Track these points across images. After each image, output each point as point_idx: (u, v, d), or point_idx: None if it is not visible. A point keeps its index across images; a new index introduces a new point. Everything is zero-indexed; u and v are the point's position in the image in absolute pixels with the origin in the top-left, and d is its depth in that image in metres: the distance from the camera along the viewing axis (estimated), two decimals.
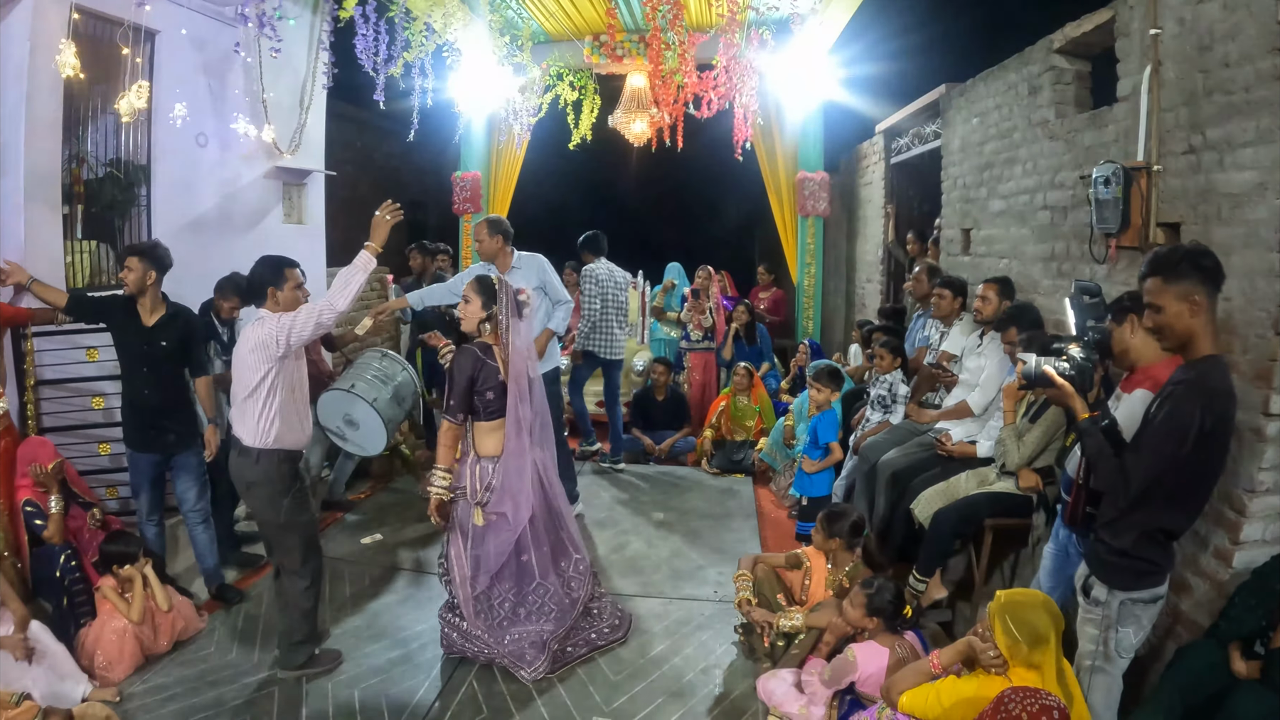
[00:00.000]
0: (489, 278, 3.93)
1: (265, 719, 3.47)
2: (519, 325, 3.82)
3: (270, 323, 3.58)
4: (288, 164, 6.35)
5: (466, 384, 3.74)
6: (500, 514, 3.78)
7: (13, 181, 4.34)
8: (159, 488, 4.38)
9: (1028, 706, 2.34)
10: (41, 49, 4.27)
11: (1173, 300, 2.49)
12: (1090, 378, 2.94)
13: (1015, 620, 2.67)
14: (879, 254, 8.25)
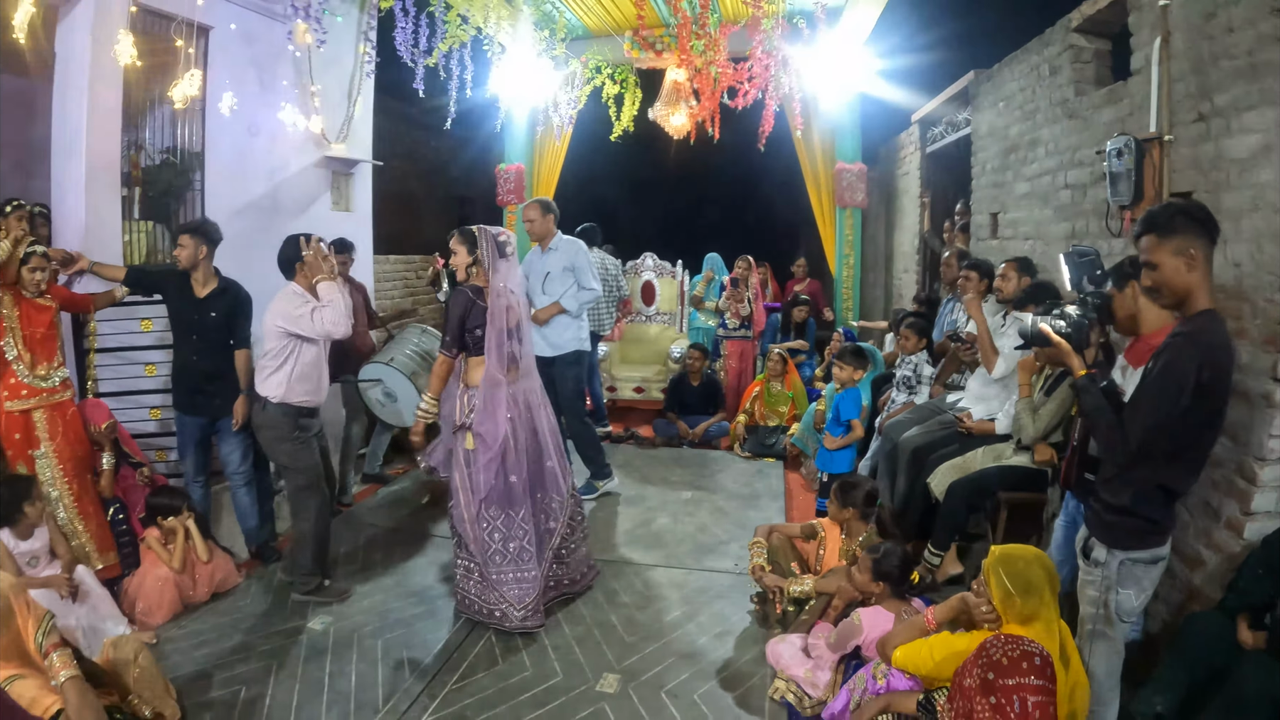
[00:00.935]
0: (470, 228, 4.22)
1: (292, 663, 3.69)
2: (500, 264, 4.09)
3: (289, 303, 4.15)
4: (336, 154, 6.61)
5: (459, 322, 4.08)
6: (480, 435, 4.01)
7: (76, 165, 4.66)
8: (204, 450, 4.65)
9: (1008, 651, 2.34)
10: (102, 42, 4.56)
11: (1168, 256, 2.48)
12: (1086, 335, 2.94)
13: (1009, 573, 2.67)
14: (915, 244, 8.27)
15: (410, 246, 8.82)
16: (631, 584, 4.57)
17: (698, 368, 7.59)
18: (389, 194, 9.54)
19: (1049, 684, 2.28)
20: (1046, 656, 2.33)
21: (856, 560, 3.81)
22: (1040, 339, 2.91)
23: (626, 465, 6.73)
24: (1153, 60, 3.74)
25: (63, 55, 4.66)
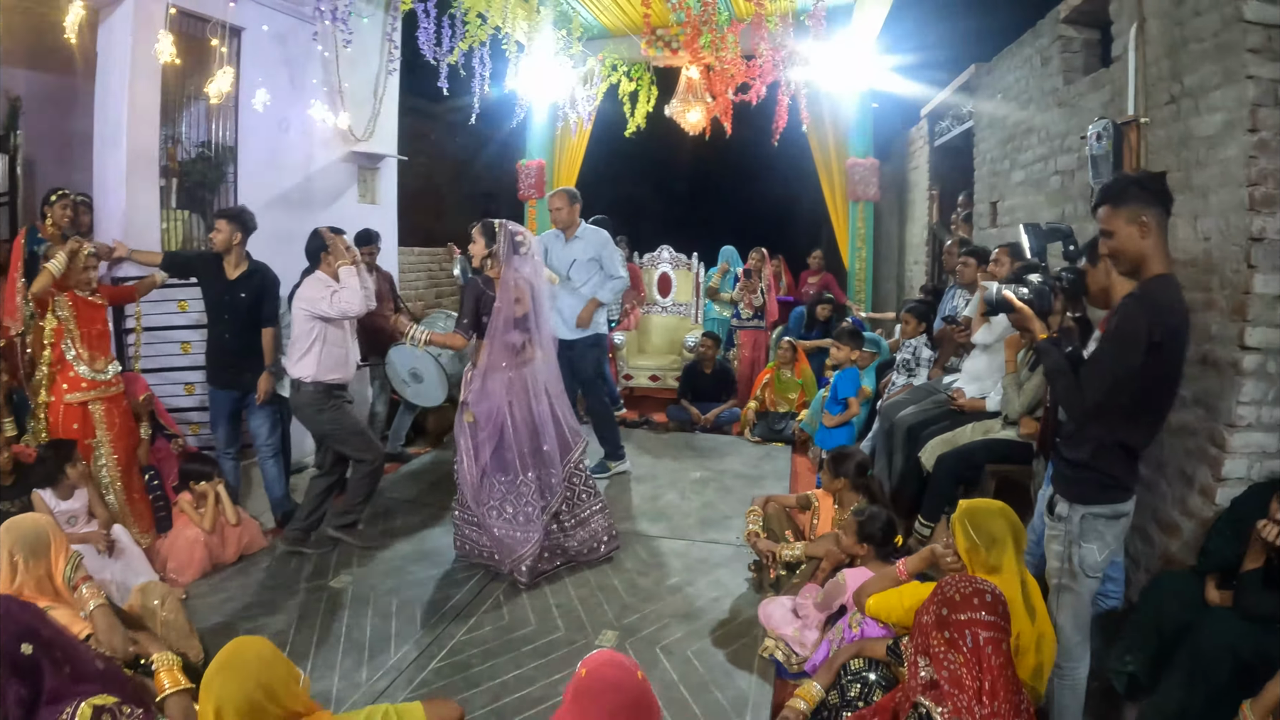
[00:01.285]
0: (492, 222, 4.52)
1: (311, 616, 3.98)
2: (514, 259, 4.41)
3: (312, 289, 4.55)
4: (362, 148, 6.94)
5: (473, 309, 4.46)
6: (476, 413, 4.39)
7: (117, 157, 5.00)
8: (235, 423, 4.96)
9: (961, 588, 2.38)
10: (142, 42, 4.89)
11: (1123, 224, 2.58)
12: (1049, 300, 3.07)
13: (973, 525, 2.81)
14: (924, 236, 8.41)
15: (436, 239, 9.13)
16: (636, 553, 4.79)
17: (710, 355, 7.81)
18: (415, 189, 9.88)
19: (1000, 620, 2.31)
20: (999, 595, 2.37)
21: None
22: (1004, 305, 3.03)
23: (639, 448, 6.95)
24: (1129, 46, 3.88)
25: (104, 54, 5.01)
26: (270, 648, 2.17)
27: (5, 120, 5.84)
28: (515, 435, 4.39)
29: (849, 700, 2.83)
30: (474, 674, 3.47)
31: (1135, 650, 3.02)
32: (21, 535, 2.75)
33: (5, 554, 2.72)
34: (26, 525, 2.81)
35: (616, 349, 8.54)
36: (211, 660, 2.10)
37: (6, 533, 2.75)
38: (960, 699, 2.22)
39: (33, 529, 2.80)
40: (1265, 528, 2.75)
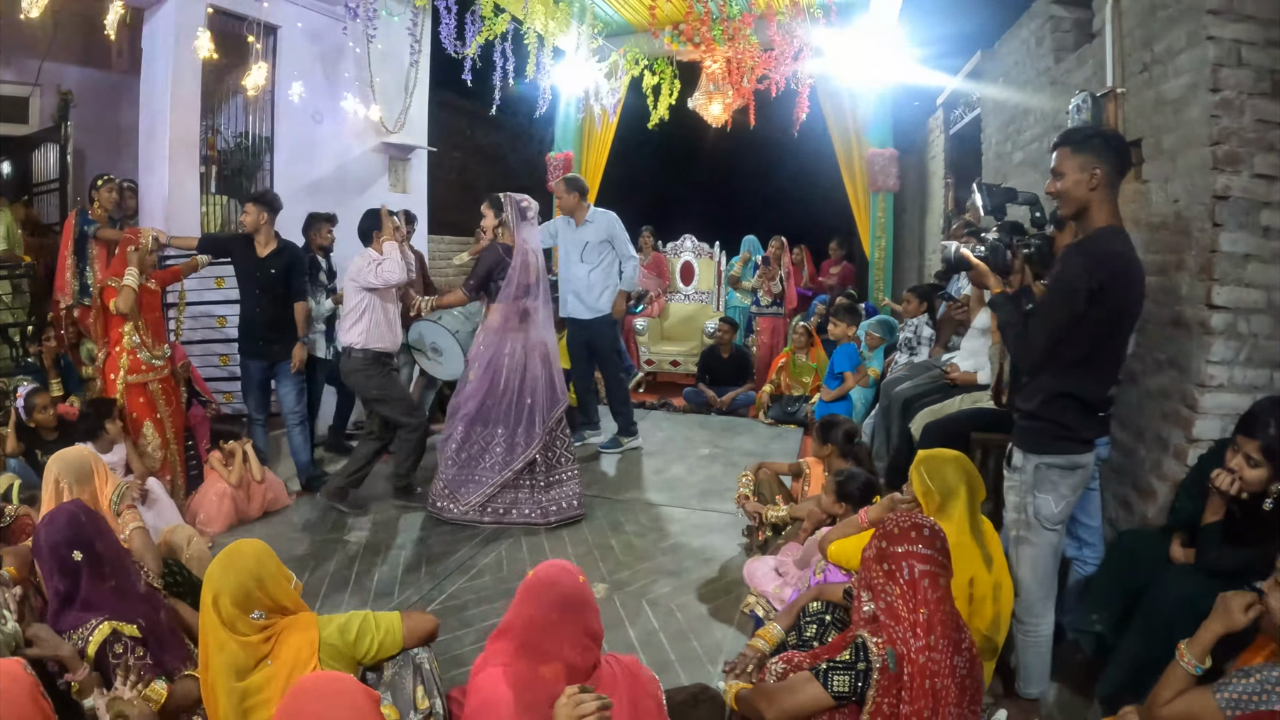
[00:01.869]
0: (498, 195, 4.93)
1: (325, 564, 4.31)
2: (523, 226, 4.83)
3: (361, 263, 4.89)
4: (393, 140, 7.30)
5: (486, 271, 4.82)
6: (469, 362, 4.84)
7: (160, 145, 5.42)
8: (265, 391, 5.33)
9: (900, 523, 2.38)
10: (183, 40, 5.29)
11: (1074, 169, 2.61)
12: (1003, 256, 3.12)
13: (928, 470, 2.95)
14: (941, 225, 8.48)
15: (468, 230, 9.44)
16: (636, 518, 5.03)
17: (727, 340, 8.02)
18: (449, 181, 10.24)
19: (938, 555, 2.32)
20: (938, 531, 2.38)
21: None
22: (962, 263, 3.14)
23: (654, 427, 7.19)
24: (1107, 18, 3.97)
25: (148, 51, 5.43)
26: (266, 549, 2.45)
27: (57, 112, 6.31)
28: (503, 389, 4.79)
29: (805, 640, 2.90)
30: (468, 615, 3.74)
31: (1100, 609, 3.02)
32: (67, 464, 3.08)
33: (53, 481, 3.04)
34: (72, 455, 3.14)
35: (638, 334, 8.80)
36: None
37: (55, 462, 3.09)
38: (896, 630, 2.25)
39: (77, 459, 3.13)
40: (1218, 477, 2.68)
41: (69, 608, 2.46)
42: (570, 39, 7.55)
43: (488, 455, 4.84)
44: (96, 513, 2.72)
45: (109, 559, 2.58)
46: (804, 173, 10.56)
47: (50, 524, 2.54)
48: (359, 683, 1.72)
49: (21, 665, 1.86)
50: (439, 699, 2.46)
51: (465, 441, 4.86)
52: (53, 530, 2.52)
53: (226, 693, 2.22)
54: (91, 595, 2.48)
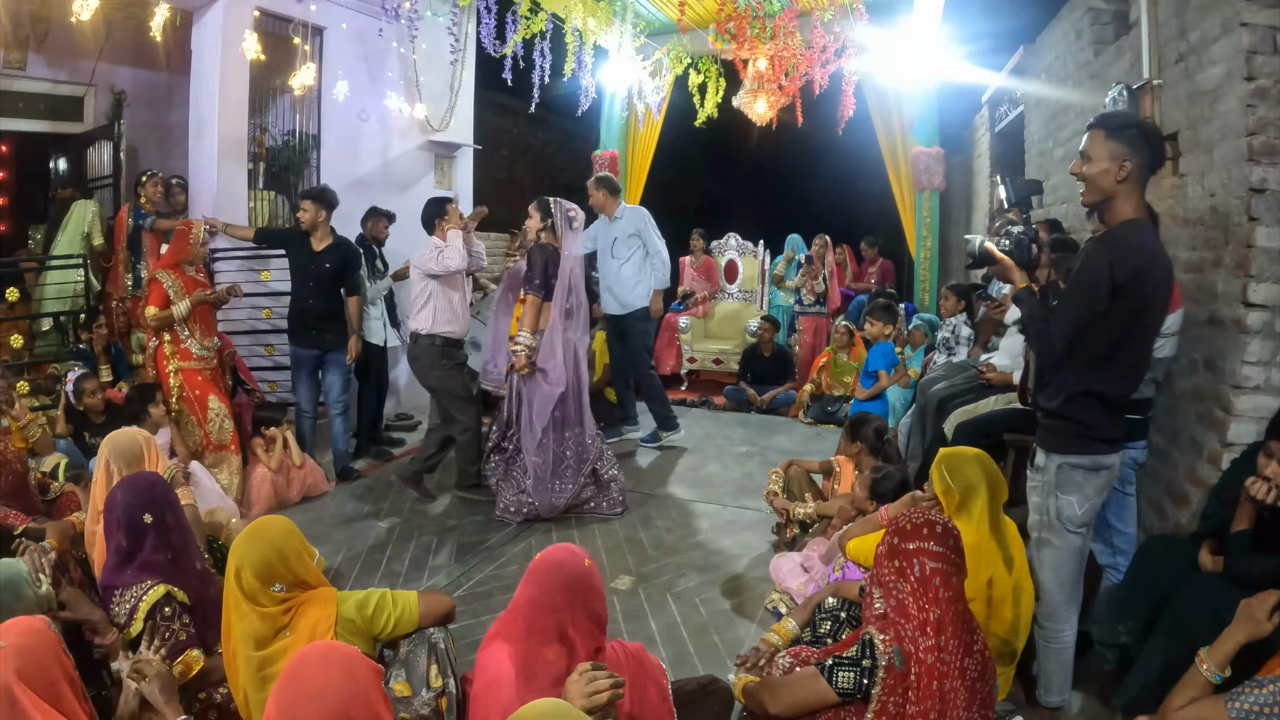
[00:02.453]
0: (547, 199, 4.99)
1: (358, 547, 4.44)
2: (568, 233, 4.90)
3: (425, 251, 5.03)
4: (439, 138, 7.42)
5: (544, 268, 4.84)
6: (542, 369, 4.81)
7: (209, 143, 5.58)
8: (314, 380, 5.46)
9: (913, 519, 2.34)
10: (231, 40, 5.45)
11: (1104, 156, 2.53)
12: (1028, 250, 3.07)
13: (950, 469, 2.90)
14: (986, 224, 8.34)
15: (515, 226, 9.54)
16: (668, 513, 5.06)
17: (768, 339, 8.00)
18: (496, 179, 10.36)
19: (950, 554, 2.27)
20: (951, 529, 2.33)
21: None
22: (986, 257, 3.05)
23: (693, 424, 7.18)
24: (1143, 9, 3.90)
25: (198, 52, 5.61)
26: (291, 526, 2.51)
27: (110, 111, 6.54)
28: (566, 392, 4.87)
29: (819, 637, 2.89)
30: (493, 603, 3.80)
31: (1126, 619, 2.93)
32: (118, 447, 3.16)
33: (104, 462, 3.14)
34: (124, 439, 3.22)
35: (681, 332, 8.82)
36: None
37: (107, 444, 3.18)
38: (904, 628, 2.20)
39: (129, 442, 3.21)
40: (1253, 485, 2.59)
41: (127, 565, 2.57)
42: (612, 37, 7.59)
43: (568, 454, 4.93)
44: (169, 488, 2.83)
45: (175, 531, 2.69)
46: (849, 171, 10.49)
47: (131, 486, 2.67)
48: (360, 653, 1.74)
49: (46, 623, 1.93)
50: (452, 679, 2.50)
51: (553, 448, 4.90)
52: (132, 492, 2.64)
53: (245, 660, 2.30)
54: (151, 559, 2.59)
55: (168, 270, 4.74)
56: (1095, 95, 4.77)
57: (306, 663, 1.66)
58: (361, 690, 1.63)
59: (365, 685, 1.65)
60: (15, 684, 1.70)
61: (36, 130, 6.87)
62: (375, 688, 1.69)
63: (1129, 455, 3.39)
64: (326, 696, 1.58)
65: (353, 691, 1.61)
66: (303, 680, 1.61)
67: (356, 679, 1.64)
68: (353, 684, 1.62)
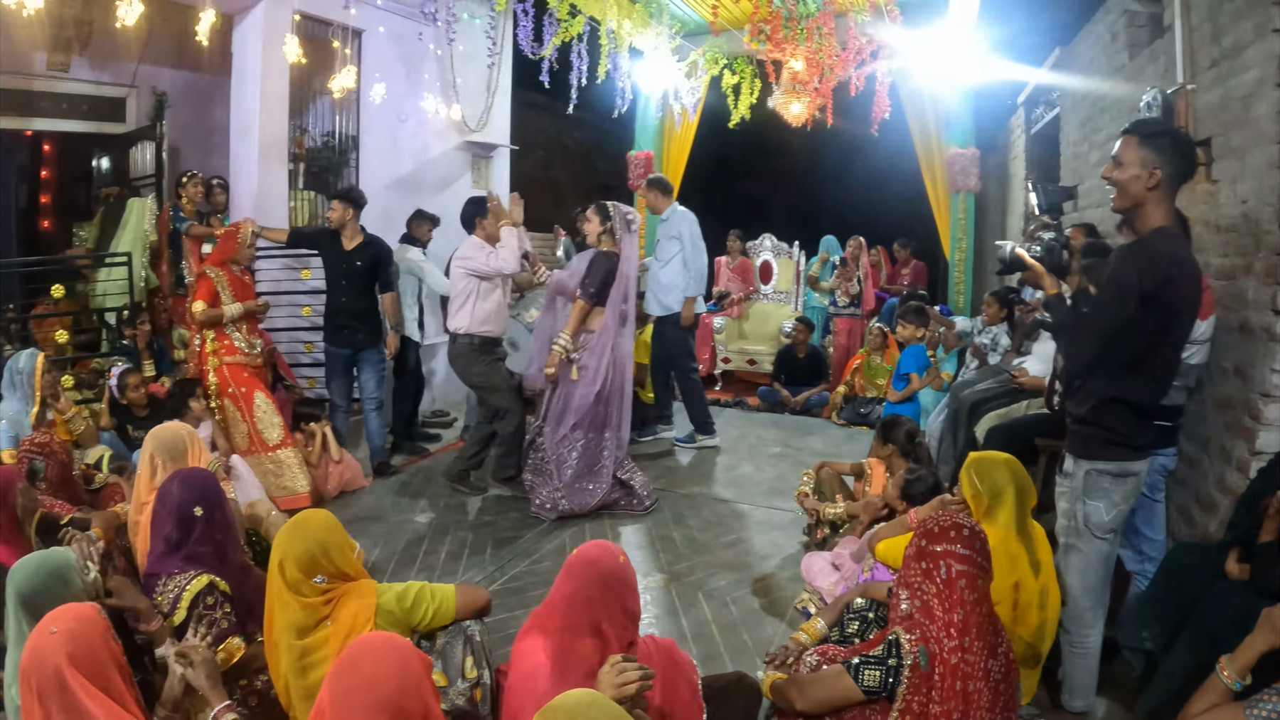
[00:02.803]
0: (606, 203, 5.08)
1: (394, 542, 4.53)
2: (626, 237, 4.95)
3: (469, 249, 5.04)
4: (476, 139, 7.53)
5: (603, 277, 4.89)
6: (584, 368, 4.88)
7: (250, 144, 5.72)
8: (348, 377, 5.58)
9: (941, 521, 2.36)
10: (271, 44, 5.58)
11: (1134, 162, 2.52)
12: (1059, 256, 3.08)
13: (978, 473, 2.91)
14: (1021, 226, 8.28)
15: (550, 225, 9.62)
16: (700, 512, 5.10)
17: (802, 340, 8.01)
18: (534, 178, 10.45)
19: (977, 557, 2.29)
20: (978, 532, 2.35)
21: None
22: (1017, 263, 3.06)
23: (726, 425, 7.19)
24: (1176, 12, 3.86)
25: (238, 55, 5.75)
26: (332, 520, 2.58)
27: (152, 112, 6.70)
28: (610, 392, 4.95)
29: (847, 636, 2.93)
30: (527, 597, 3.87)
31: (1151, 625, 2.89)
32: (162, 443, 3.25)
33: (149, 456, 3.23)
34: (168, 434, 3.30)
35: (716, 332, 8.85)
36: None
37: (151, 439, 3.27)
38: (930, 628, 2.23)
39: (173, 438, 3.29)
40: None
41: (174, 554, 2.66)
42: (648, 39, 7.64)
43: (605, 454, 5.01)
44: (219, 485, 2.92)
45: (221, 526, 2.78)
46: (883, 173, 10.43)
47: (186, 480, 2.77)
48: (413, 646, 1.81)
49: (96, 609, 2.02)
50: (487, 670, 2.56)
51: (586, 446, 4.98)
52: (187, 485, 2.74)
53: (287, 649, 2.37)
54: (196, 550, 2.67)
55: (217, 267, 4.85)
56: (1130, 98, 4.71)
57: (363, 653, 1.73)
58: (414, 682, 1.70)
59: (418, 678, 1.72)
60: (66, 668, 1.79)
61: (79, 130, 7.05)
62: (427, 680, 1.76)
63: (1158, 462, 3.40)
64: (381, 686, 1.65)
65: (406, 683, 1.68)
66: (359, 670, 1.68)
67: (410, 671, 1.71)
68: (406, 676, 1.70)
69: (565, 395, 4.94)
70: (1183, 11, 3.85)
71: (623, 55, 7.35)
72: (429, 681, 1.76)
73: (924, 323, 5.74)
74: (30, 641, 1.85)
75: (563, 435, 4.92)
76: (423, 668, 1.76)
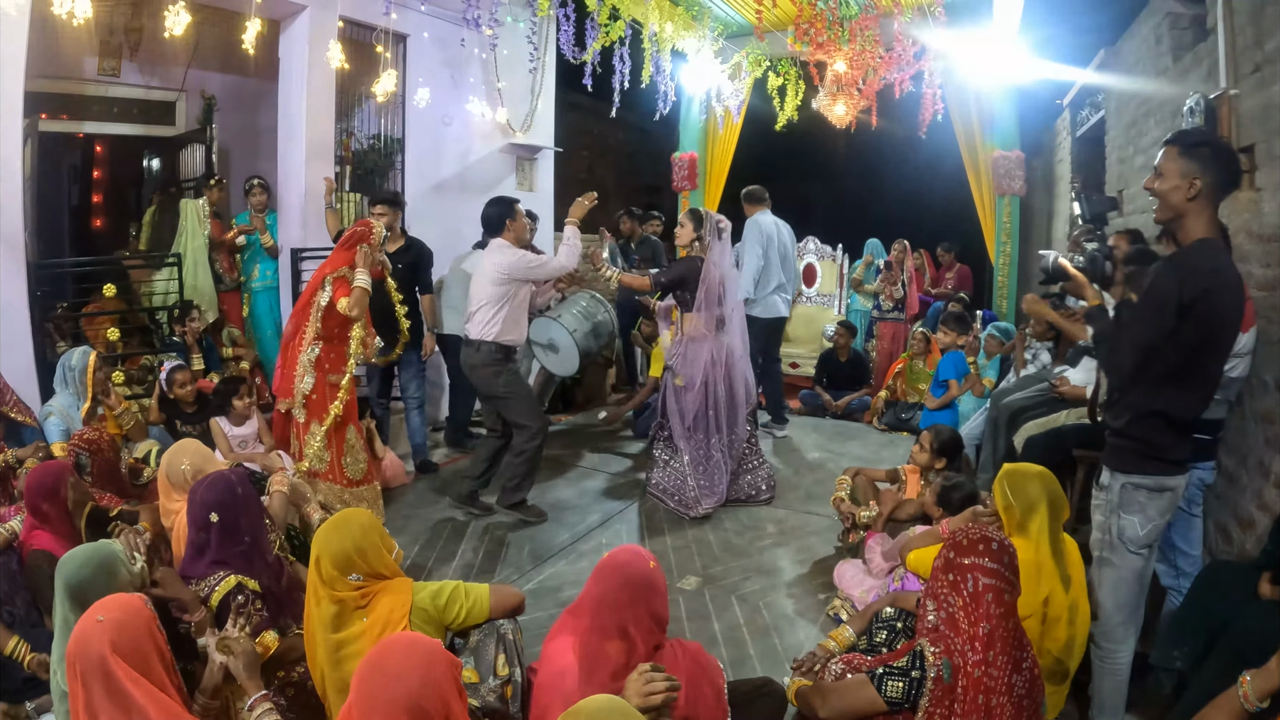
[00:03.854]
0: (699, 210, 5.23)
1: (435, 540, 4.64)
2: (715, 244, 5.07)
3: (508, 253, 4.79)
4: (520, 141, 7.62)
5: (679, 278, 5.13)
6: (686, 379, 5.09)
7: (297, 147, 5.84)
8: (388, 377, 5.70)
9: (970, 534, 2.36)
10: (317, 50, 5.68)
11: (1175, 173, 2.49)
12: (1101, 266, 3.06)
13: (1012, 486, 2.89)
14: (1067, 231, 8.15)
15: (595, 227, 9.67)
16: (737, 516, 5.12)
17: (844, 344, 7.96)
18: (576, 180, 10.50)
19: (1004, 571, 2.29)
20: (1007, 546, 2.34)
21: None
22: (1059, 273, 3.04)
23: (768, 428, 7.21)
24: (1219, 16, 3.78)
25: (285, 60, 5.87)
26: (372, 520, 2.65)
27: (201, 115, 6.91)
28: (715, 397, 5.11)
29: (875, 645, 2.94)
30: (562, 597, 3.93)
31: (1182, 644, 2.84)
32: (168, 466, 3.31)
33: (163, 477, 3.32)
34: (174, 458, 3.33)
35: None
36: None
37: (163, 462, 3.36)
38: (954, 641, 2.24)
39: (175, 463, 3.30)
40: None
41: (200, 558, 2.76)
42: (691, 41, 7.65)
43: (713, 456, 5.17)
44: (252, 489, 2.98)
45: (245, 529, 2.84)
46: (928, 175, 10.32)
47: (210, 485, 2.84)
48: (442, 648, 1.86)
49: (143, 600, 2.10)
50: (518, 668, 2.61)
51: (700, 452, 5.16)
52: (205, 491, 2.82)
53: (323, 642, 2.46)
54: (221, 553, 2.76)
55: (353, 268, 4.57)
56: (1174, 102, 4.63)
57: (391, 650, 1.80)
58: (435, 681, 1.75)
59: (439, 677, 1.77)
60: (110, 655, 1.87)
61: (130, 133, 7.25)
62: (450, 680, 1.80)
63: (1196, 475, 3.35)
64: (403, 682, 1.72)
65: (427, 681, 1.73)
66: (384, 666, 1.76)
67: (433, 670, 1.77)
68: (428, 674, 1.75)
69: (676, 403, 5.17)
70: (1225, 15, 3.76)
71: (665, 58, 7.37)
72: (453, 683, 1.81)
73: (964, 330, 5.70)
74: (77, 629, 1.94)
75: (686, 433, 5.14)
76: (448, 668, 1.81)
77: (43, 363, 4.71)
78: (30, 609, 3.01)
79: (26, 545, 3.08)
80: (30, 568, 3.02)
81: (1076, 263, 3.06)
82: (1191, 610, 2.95)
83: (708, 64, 7.96)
